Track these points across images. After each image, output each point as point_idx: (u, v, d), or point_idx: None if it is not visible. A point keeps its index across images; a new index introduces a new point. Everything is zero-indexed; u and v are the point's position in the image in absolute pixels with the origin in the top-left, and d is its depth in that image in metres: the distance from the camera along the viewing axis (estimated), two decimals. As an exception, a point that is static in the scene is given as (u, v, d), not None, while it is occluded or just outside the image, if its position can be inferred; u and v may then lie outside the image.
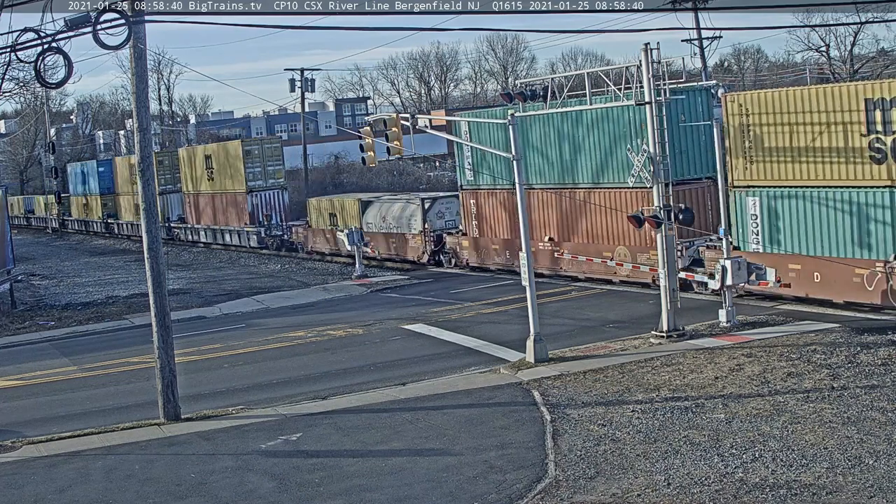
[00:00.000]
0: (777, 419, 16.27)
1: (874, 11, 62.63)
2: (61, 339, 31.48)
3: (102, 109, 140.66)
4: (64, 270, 52.75)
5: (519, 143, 23.16)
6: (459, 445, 16.58)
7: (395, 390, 20.75)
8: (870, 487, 13.10)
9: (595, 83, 25.06)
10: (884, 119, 22.66)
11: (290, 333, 28.62)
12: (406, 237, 40.86)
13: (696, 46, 54.36)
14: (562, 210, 32.97)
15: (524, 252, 22.38)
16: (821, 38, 76.91)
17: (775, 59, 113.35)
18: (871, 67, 77.59)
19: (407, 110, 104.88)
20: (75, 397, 23.20)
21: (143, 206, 19.71)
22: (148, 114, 19.81)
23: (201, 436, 18.58)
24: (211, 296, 37.86)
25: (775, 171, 25.34)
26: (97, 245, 69.12)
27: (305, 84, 72.43)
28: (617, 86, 23.72)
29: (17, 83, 51.74)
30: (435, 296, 33.00)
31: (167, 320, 19.77)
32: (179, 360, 20.85)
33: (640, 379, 19.67)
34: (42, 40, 16.79)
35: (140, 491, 15.74)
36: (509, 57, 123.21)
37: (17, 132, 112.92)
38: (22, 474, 17.01)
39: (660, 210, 23.10)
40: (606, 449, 15.65)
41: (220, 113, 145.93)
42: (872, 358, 19.45)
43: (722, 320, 23.55)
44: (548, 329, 23.50)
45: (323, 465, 16.21)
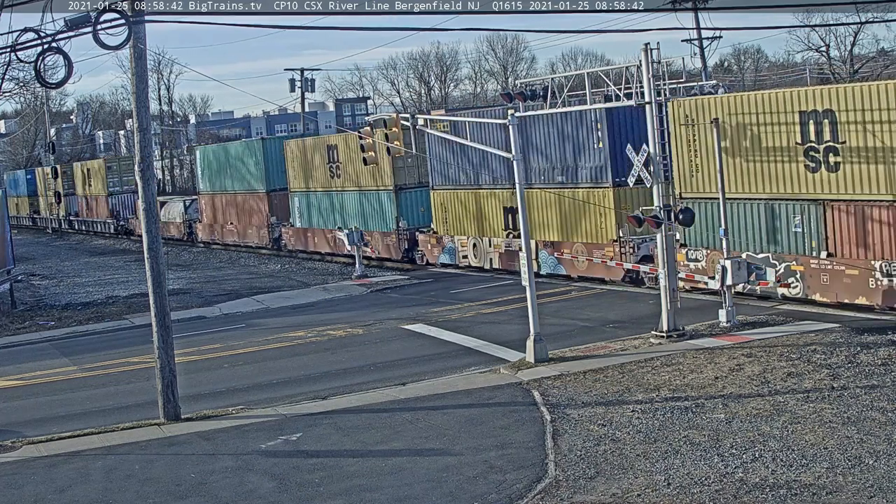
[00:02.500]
0: (777, 419, 16.27)
1: (874, 11, 62.71)
2: (61, 339, 31.48)
3: (102, 109, 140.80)
4: (64, 270, 52.76)
5: (519, 143, 23.16)
6: (459, 445, 16.58)
7: (395, 390, 20.75)
8: (870, 487, 13.11)
9: (595, 83, 25.08)
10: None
11: (290, 333, 28.62)
12: (174, 224, 62.33)
13: (696, 46, 54.45)
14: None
15: (524, 252, 22.38)
16: (821, 38, 76.99)
17: (775, 59, 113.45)
18: (871, 67, 77.60)
19: (407, 110, 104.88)
20: (75, 397, 23.21)
21: (143, 206, 19.71)
22: (148, 114, 19.81)
23: (201, 436, 18.58)
24: (211, 296, 37.87)
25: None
26: (97, 245, 69.16)
27: (305, 84, 72.49)
28: (617, 86, 23.73)
29: (17, 83, 51.89)
30: (435, 296, 33.01)
31: (167, 320, 19.78)
32: (179, 360, 20.85)
33: (640, 379, 19.67)
34: (42, 40, 16.81)
35: (140, 491, 15.75)
36: (509, 57, 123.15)
37: (17, 132, 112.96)
38: (22, 474, 17.02)
39: (660, 210, 23.10)
40: (606, 449, 15.65)
41: (220, 113, 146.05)
42: (872, 358, 19.46)
43: (722, 320, 23.55)
44: (548, 329, 23.50)
45: (323, 465, 16.22)
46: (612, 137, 30.05)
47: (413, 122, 27.69)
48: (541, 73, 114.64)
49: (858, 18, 66.42)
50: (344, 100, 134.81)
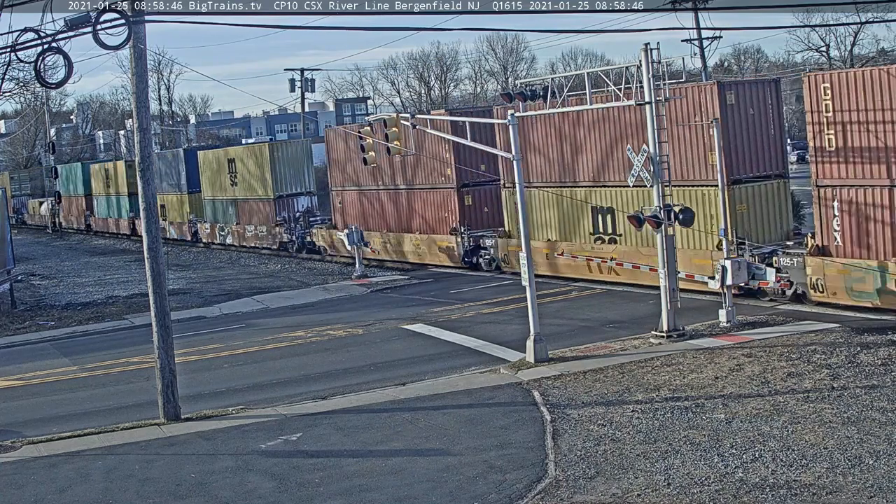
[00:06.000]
0: (777, 419, 16.27)
1: (874, 11, 62.74)
2: (61, 339, 31.48)
3: (102, 109, 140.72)
4: (64, 270, 52.75)
5: (518, 143, 23.16)
6: (459, 445, 16.58)
7: (395, 390, 20.75)
8: (870, 487, 13.11)
9: (595, 83, 25.08)
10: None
11: (290, 333, 28.62)
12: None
13: (696, 46, 54.36)
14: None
15: (524, 252, 22.38)
16: (821, 38, 77.04)
17: (775, 60, 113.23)
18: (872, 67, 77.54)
19: (407, 110, 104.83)
20: (75, 397, 23.21)
21: (143, 205, 19.71)
22: (148, 114, 19.80)
23: (201, 436, 18.58)
24: (211, 296, 37.86)
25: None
26: (97, 245, 69.16)
27: (305, 84, 72.46)
28: (617, 86, 23.73)
29: (17, 83, 51.87)
30: (435, 296, 33.01)
31: (167, 320, 19.77)
32: (179, 360, 20.85)
33: (640, 379, 19.68)
34: (42, 40, 16.81)
35: (140, 491, 15.75)
36: (509, 57, 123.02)
37: (17, 132, 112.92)
38: (22, 474, 17.02)
39: (660, 210, 23.10)
40: (606, 449, 15.65)
41: (220, 113, 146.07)
42: (872, 358, 19.46)
43: (722, 320, 23.56)
44: (548, 329, 23.50)
45: (323, 465, 16.21)
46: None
47: (413, 122, 27.69)
48: (541, 73, 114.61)
49: (858, 18, 66.51)
50: (344, 100, 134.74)
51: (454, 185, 37.74)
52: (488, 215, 37.71)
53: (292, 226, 49.73)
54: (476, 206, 37.92)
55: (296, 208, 50.59)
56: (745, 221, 27.01)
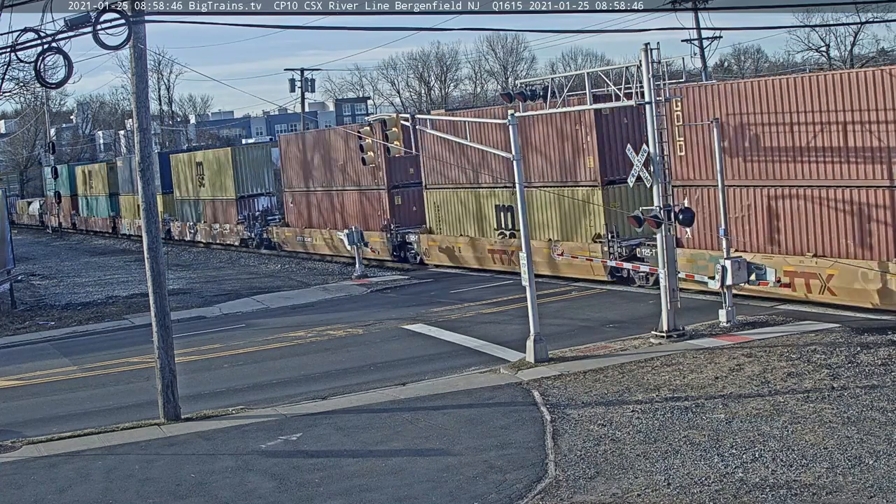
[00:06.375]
0: (777, 419, 16.27)
1: (874, 11, 62.76)
2: (61, 339, 31.48)
3: (102, 109, 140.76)
4: (64, 270, 52.77)
5: (518, 143, 23.16)
6: (459, 445, 16.58)
7: (395, 390, 20.75)
8: (870, 487, 13.10)
9: (595, 83, 25.07)
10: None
11: (290, 333, 28.62)
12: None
13: (696, 46, 54.45)
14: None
15: (524, 252, 22.37)
16: (821, 38, 77.07)
17: (775, 60, 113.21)
18: (871, 67, 77.53)
19: (407, 110, 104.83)
20: (75, 397, 23.21)
21: (143, 205, 19.71)
22: (148, 114, 19.79)
23: (201, 436, 18.58)
24: (211, 296, 37.87)
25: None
26: (97, 245, 69.20)
27: (305, 84, 72.50)
28: (617, 86, 23.72)
29: (17, 83, 51.82)
30: (435, 296, 33.01)
31: (167, 320, 19.77)
32: (179, 360, 20.85)
33: (640, 379, 19.68)
34: (42, 40, 16.81)
35: (140, 491, 15.75)
36: (509, 57, 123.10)
37: (17, 132, 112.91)
38: (22, 474, 17.02)
39: (660, 210, 23.10)
40: (606, 449, 15.65)
41: (220, 113, 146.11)
42: (872, 358, 19.46)
43: (722, 320, 23.55)
44: (548, 329, 23.50)
45: (323, 465, 16.22)
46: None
47: (413, 122, 27.68)
48: (541, 73, 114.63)
49: (858, 18, 66.52)
50: (344, 100, 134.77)
51: (385, 187, 42.08)
52: (417, 213, 41.45)
53: (252, 224, 53.66)
54: (405, 206, 42.13)
55: (256, 208, 54.72)
56: (617, 218, 30.42)
